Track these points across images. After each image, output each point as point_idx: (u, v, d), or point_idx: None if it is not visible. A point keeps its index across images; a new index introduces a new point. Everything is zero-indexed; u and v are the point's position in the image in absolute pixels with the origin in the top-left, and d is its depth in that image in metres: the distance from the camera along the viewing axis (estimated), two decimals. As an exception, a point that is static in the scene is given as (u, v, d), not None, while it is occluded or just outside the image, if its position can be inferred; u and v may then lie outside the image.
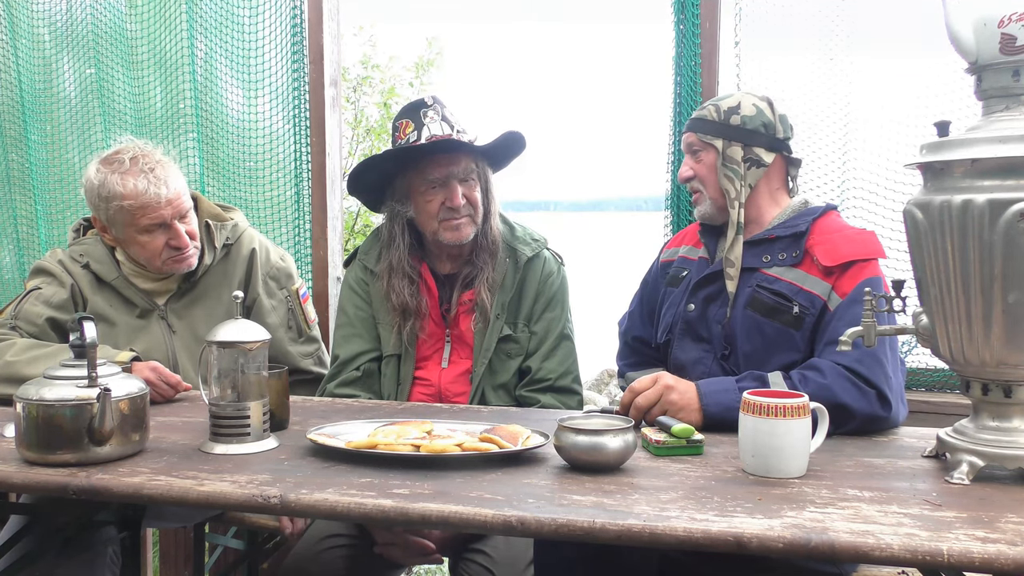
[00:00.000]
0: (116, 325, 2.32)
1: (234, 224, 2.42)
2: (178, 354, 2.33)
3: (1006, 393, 1.47)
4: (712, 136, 2.01)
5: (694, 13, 2.64)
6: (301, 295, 2.48)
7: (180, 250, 2.28)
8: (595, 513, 1.30)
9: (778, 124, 2.01)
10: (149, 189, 2.20)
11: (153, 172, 2.22)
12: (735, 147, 2.00)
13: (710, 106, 2.04)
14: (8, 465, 1.57)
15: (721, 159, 2.00)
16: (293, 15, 2.93)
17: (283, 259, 2.49)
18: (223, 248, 2.39)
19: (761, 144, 2.00)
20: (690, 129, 2.06)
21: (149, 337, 2.33)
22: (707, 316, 2.01)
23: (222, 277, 2.39)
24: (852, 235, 1.94)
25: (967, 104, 2.33)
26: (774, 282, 1.93)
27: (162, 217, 2.23)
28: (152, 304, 2.35)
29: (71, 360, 1.63)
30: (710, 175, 2.03)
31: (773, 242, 1.97)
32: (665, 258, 2.23)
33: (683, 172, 2.07)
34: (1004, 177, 1.38)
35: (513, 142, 2.29)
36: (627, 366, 2.23)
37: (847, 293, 1.84)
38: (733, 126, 2.00)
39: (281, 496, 1.39)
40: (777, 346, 1.89)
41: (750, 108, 2.00)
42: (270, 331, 2.34)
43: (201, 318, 2.35)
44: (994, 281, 1.40)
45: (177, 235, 2.26)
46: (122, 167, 2.22)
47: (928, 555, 1.17)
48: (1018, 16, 1.41)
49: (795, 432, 1.48)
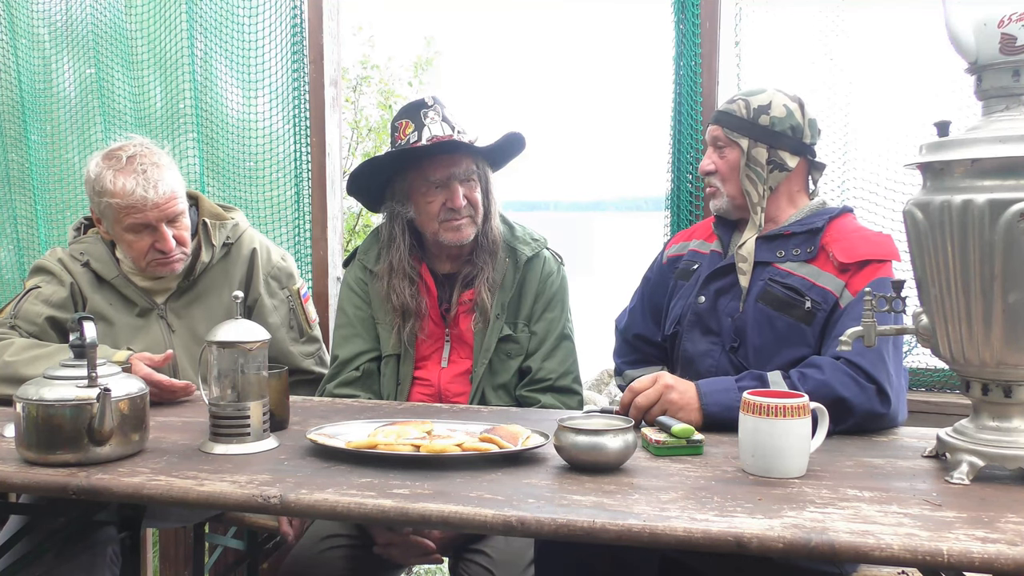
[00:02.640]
0: (115, 324, 2.31)
1: (234, 224, 2.41)
2: (177, 353, 2.32)
3: (1006, 393, 1.47)
4: (738, 134, 2.00)
5: (694, 13, 2.64)
6: (302, 295, 2.48)
7: (164, 254, 2.26)
8: (595, 513, 1.30)
9: (807, 128, 2.00)
10: (136, 190, 2.19)
11: (145, 173, 2.20)
12: (760, 148, 1.98)
13: (740, 100, 2.02)
14: (8, 465, 1.57)
15: (745, 159, 1.99)
16: (293, 15, 2.93)
17: (284, 259, 2.49)
18: (223, 247, 2.38)
19: (787, 147, 1.98)
20: (717, 122, 2.05)
21: (148, 336, 2.32)
22: (717, 308, 2.01)
23: (222, 277, 2.38)
24: (870, 236, 1.95)
25: (967, 104, 2.33)
26: (787, 276, 1.93)
27: (147, 219, 2.21)
28: (151, 303, 2.34)
29: (71, 360, 1.63)
30: (732, 173, 2.02)
31: (788, 238, 1.97)
32: (673, 252, 2.23)
33: (705, 165, 2.06)
34: (1004, 177, 1.38)
35: (513, 143, 2.29)
36: (625, 363, 2.23)
37: (860, 291, 1.83)
38: (761, 126, 1.98)
39: (281, 496, 1.39)
40: (787, 340, 1.89)
41: (780, 109, 1.98)
42: (271, 331, 2.34)
43: (200, 317, 2.34)
44: (994, 281, 1.40)
45: (163, 238, 2.24)
46: (118, 164, 2.21)
47: (928, 555, 1.17)
48: (1018, 16, 1.41)
49: (795, 432, 1.48)
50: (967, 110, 2.33)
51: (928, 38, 2.33)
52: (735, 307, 1.98)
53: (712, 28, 2.64)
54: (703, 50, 2.65)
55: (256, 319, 2.33)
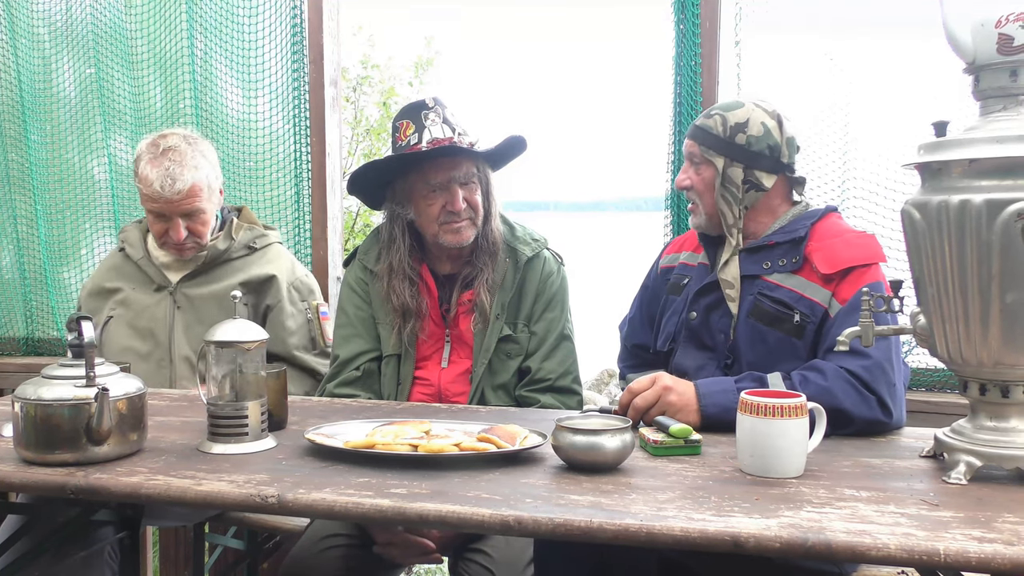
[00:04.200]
0: (132, 302, 2.48)
1: (264, 234, 2.56)
2: (175, 329, 2.42)
3: (1003, 393, 1.47)
4: (714, 153, 1.95)
5: (694, 13, 2.64)
6: (321, 313, 2.57)
7: (178, 243, 2.43)
8: (592, 513, 1.30)
9: (784, 147, 1.95)
10: (155, 184, 2.34)
11: (169, 169, 2.35)
12: (736, 168, 1.93)
13: (717, 115, 1.96)
14: (6, 464, 1.57)
15: (720, 179, 1.95)
16: (293, 15, 2.93)
17: (307, 276, 2.61)
18: (245, 248, 2.50)
19: (763, 167, 1.93)
20: (692, 138, 2.00)
21: (156, 311, 2.47)
22: (710, 324, 1.99)
23: (239, 271, 2.48)
24: (851, 239, 1.90)
25: (967, 103, 2.33)
26: (775, 289, 1.90)
27: (161, 210, 2.37)
28: (166, 281, 2.49)
29: (69, 360, 1.63)
30: (707, 191, 1.98)
31: (772, 248, 1.94)
32: (665, 264, 2.21)
33: (681, 180, 2.02)
34: (1001, 177, 1.38)
35: (514, 146, 2.29)
36: (628, 368, 2.24)
37: (847, 300, 1.81)
38: (737, 145, 1.93)
39: (279, 496, 1.40)
40: (779, 355, 1.86)
41: (758, 127, 1.93)
42: (285, 334, 2.45)
43: (207, 301, 2.45)
44: (991, 281, 1.40)
45: (174, 229, 2.41)
46: (154, 152, 2.38)
47: (925, 555, 1.17)
48: (1015, 16, 1.41)
49: (792, 432, 1.48)
50: (967, 110, 2.33)
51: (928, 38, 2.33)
52: (726, 323, 1.95)
53: (712, 28, 2.64)
54: (703, 50, 2.65)
55: (273, 321, 2.42)
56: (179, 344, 2.41)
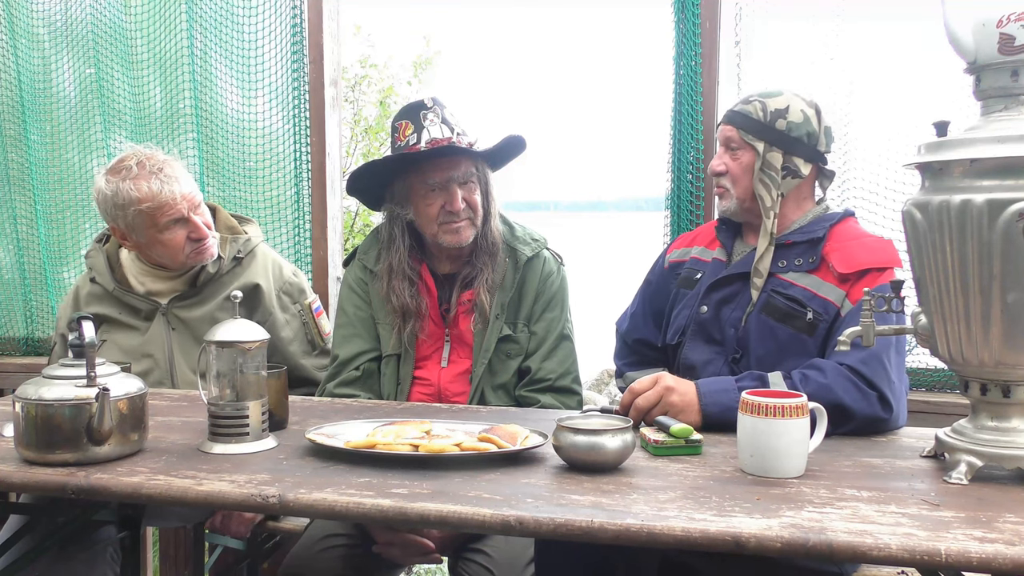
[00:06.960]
0: (120, 331, 2.38)
1: (247, 239, 2.47)
2: (175, 352, 2.35)
3: (1004, 393, 1.47)
4: (754, 137, 1.96)
5: (694, 13, 2.64)
6: (314, 309, 2.53)
7: (200, 241, 2.34)
8: (593, 513, 1.30)
9: (822, 136, 1.97)
10: (163, 188, 2.27)
11: (162, 172, 2.28)
12: (775, 153, 1.95)
13: (756, 101, 1.98)
14: (7, 465, 1.57)
15: (760, 163, 1.96)
16: (293, 15, 2.93)
17: (295, 275, 2.55)
18: (233, 260, 2.44)
19: (801, 154, 1.96)
20: (731, 123, 2.00)
21: (150, 335, 2.38)
22: (720, 318, 1.99)
23: (228, 285, 2.40)
24: (870, 243, 1.93)
25: (967, 104, 2.33)
26: (789, 287, 1.92)
27: (180, 212, 2.29)
28: (154, 304, 2.39)
29: (70, 360, 1.63)
30: (744, 176, 1.99)
31: (790, 247, 1.95)
32: (674, 259, 2.21)
33: (715, 166, 2.02)
34: (1003, 177, 1.38)
35: (513, 145, 2.29)
36: (626, 365, 2.23)
37: (859, 300, 1.82)
38: (778, 130, 1.94)
39: (280, 496, 1.39)
40: (789, 351, 1.88)
41: (798, 114, 1.95)
42: (283, 345, 2.41)
43: (202, 320, 2.36)
44: (993, 281, 1.40)
45: (196, 227, 2.32)
46: (131, 173, 2.28)
47: (926, 555, 1.17)
48: (1016, 16, 1.41)
49: (793, 432, 1.48)
50: (967, 110, 2.33)
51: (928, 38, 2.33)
52: (737, 317, 1.96)
53: (712, 28, 2.64)
54: (703, 50, 2.65)
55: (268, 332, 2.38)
56: (180, 367, 2.36)
